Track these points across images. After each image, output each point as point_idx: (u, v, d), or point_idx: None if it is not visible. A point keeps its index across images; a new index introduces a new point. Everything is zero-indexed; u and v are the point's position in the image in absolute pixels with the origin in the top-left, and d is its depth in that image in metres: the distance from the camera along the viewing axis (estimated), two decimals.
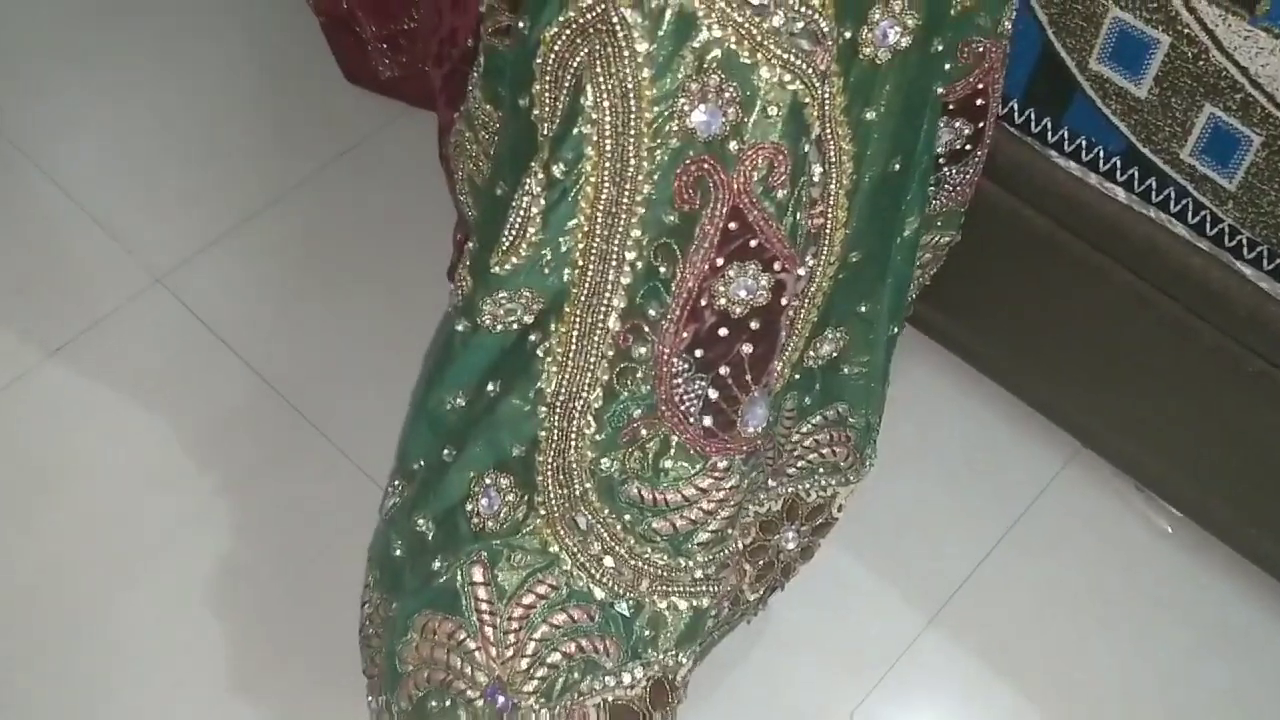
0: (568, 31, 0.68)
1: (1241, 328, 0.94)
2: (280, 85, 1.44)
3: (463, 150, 0.93)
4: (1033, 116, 0.95)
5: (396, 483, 0.86)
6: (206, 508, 1.15)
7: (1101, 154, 0.93)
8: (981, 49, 0.84)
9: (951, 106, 0.86)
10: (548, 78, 0.70)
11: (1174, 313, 0.98)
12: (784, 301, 0.74)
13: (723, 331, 0.74)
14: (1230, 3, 0.81)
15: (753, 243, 0.71)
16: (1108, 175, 0.93)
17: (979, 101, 0.88)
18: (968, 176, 0.94)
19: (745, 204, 0.70)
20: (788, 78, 0.67)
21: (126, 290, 1.27)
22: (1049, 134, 0.95)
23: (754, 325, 0.74)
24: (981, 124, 0.90)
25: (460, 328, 0.77)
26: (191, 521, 1.15)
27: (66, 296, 1.27)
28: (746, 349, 0.74)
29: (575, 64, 0.68)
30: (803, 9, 0.66)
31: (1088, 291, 1.03)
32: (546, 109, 0.71)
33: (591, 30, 0.67)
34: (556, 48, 0.69)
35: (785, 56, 0.66)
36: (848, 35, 0.70)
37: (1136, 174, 0.92)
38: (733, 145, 0.69)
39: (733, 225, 0.71)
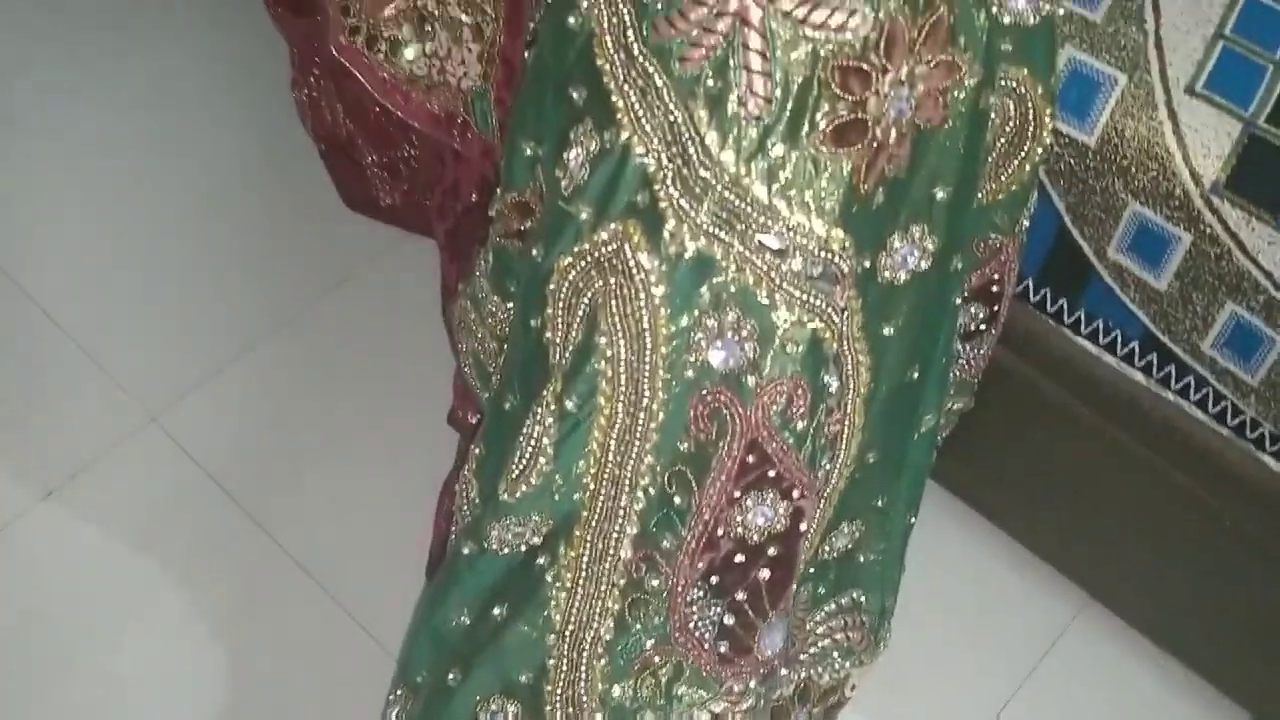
0: (583, 263, 0.66)
1: (1263, 511, 0.92)
2: (279, 213, 1.42)
3: (467, 328, 0.91)
4: (1048, 295, 0.93)
5: (399, 692, 0.83)
6: (196, 654, 1.12)
7: (1119, 337, 0.91)
8: (998, 245, 0.82)
9: (967, 294, 0.85)
10: (561, 304, 0.68)
11: (1191, 489, 0.96)
12: (803, 527, 0.72)
13: (739, 558, 0.72)
14: (1255, 206, 0.80)
15: (771, 473, 0.69)
16: (1126, 359, 0.92)
17: (994, 289, 0.87)
18: (982, 352, 0.93)
19: (764, 436, 0.68)
20: (807, 317, 0.65)
21: (120, 429, 1.25)
22: (1065, 314, 0.93)
23: (772, 551, 0.72)
24: (996, 307, 0.88)
25: (466, 550, 0.75)
26: (181, 668, 1.12)
27: (59, 435, 1.24)
28: (764, 574, 0.72)
29: (589, 295, 0.67)
30: (822, 253, 0.64)
31: (1102, 460, 1.01)
32: (560, 335, 0.69)
33: (607, 265, 0.65)
34: (571, 277, 0.67)
35: (805, 299, 0.65)
36: (867, 264, 0.69)
37: (1155, 360, 0.90)
38: (750, 379, 0.67)
39: (750, 458, 0.69)
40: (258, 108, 1.49)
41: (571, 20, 0.66)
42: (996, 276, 0.85)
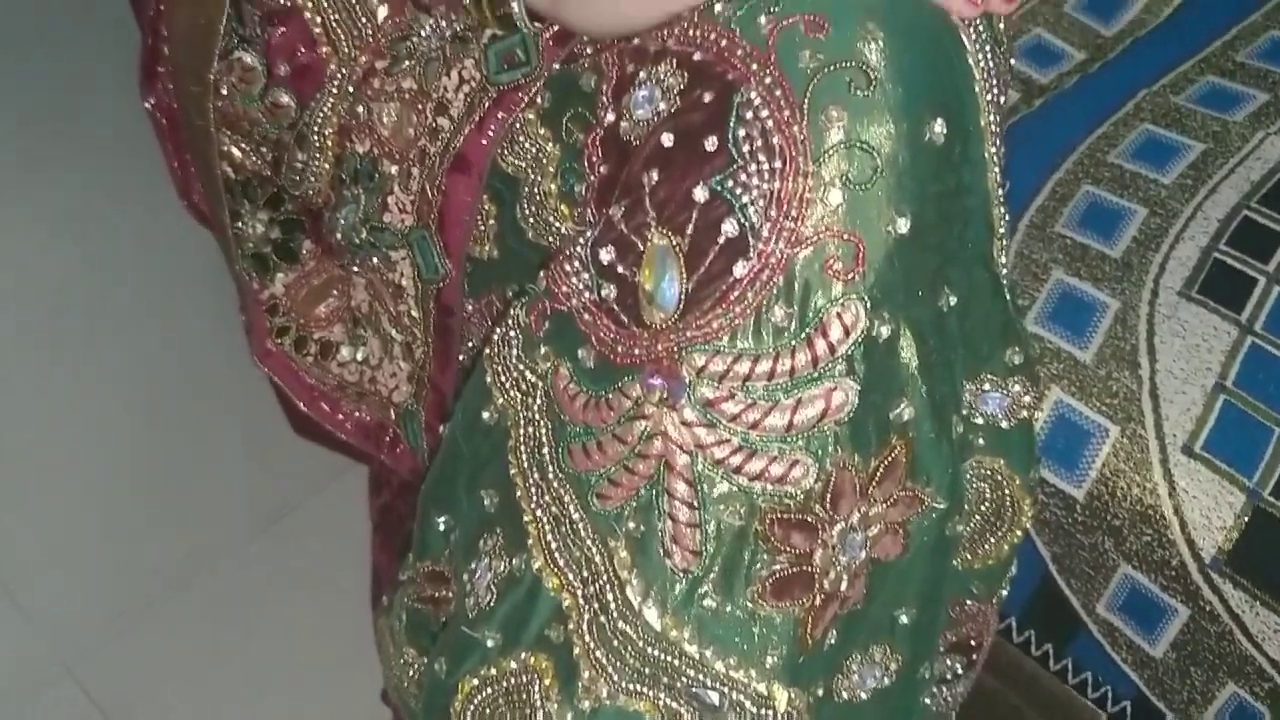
0: (489, 690, 0.58)
1: None
2: (219, 438, 1.34)
3: (386, 658, 0.82)
4: (1033, 638, 0.85)
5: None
6: None
7: (1110, 694, 0.82)
8: (976, 610, 0.74)
9: (943, 649, 0.76)
10: None
11: None
12: None
13: None
14: (1259, 589, 0.71)
15: None
16: (1117, 717, 0.82)
17: (972, 643, 0.78)
18: (959, 691, 0.84)
19: None
20: None
21: (32, 675, 1.16)
22: (1051, 660, 0.84)
23: None
24: (975, 656, 0.80)
25: None
26: None
27: None
28: None
29: None
30: (765, 711, 0.55)
31: None
32: None
33: (515, 700, 0.57)
34: (476, 702, 0.59)
35: None
36: (819, 692, 0.60)
37: None
38: None
39: None
40: (193, 315, 1.43)
41: (486, 415, 0.59)
42: (974, 636, 0.77)
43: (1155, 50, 0.94)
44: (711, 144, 0.51)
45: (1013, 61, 0.96)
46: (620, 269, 0.53)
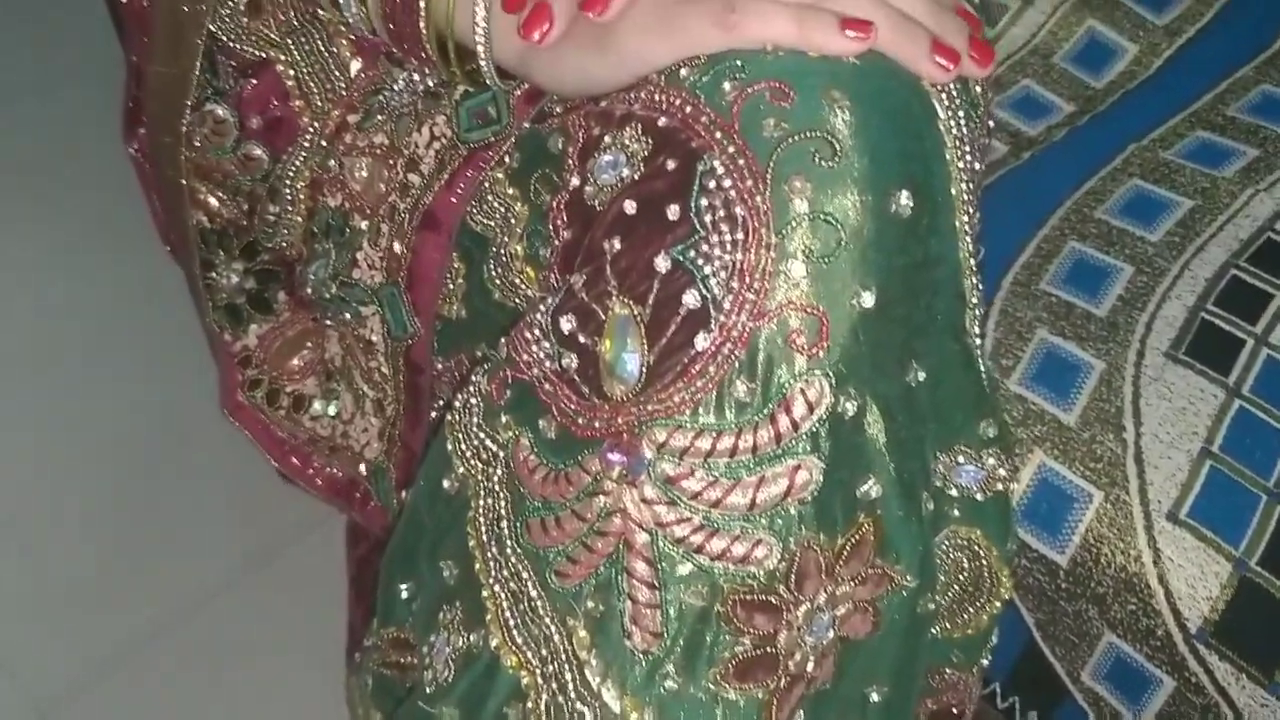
0: None
1: None
2: (199, 485, 1.33)
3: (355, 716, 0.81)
4: (1018, 705, 0.83)
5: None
6: None
7: None
8: (956, 680, 0.72)
9: (922, 718, 0.74)
10: None
11: None
12: None
13: None
14: (1245, 662, 0.69)
15: None
16: None
17: (954, 710, 0.76)
18: None
19: None
20: None
21: None
22: None
23: None
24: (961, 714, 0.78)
25: None
26: None
27: None
28: None
29: None
30: None
31: None
32: None
33: None
34: None
35: None
36: None
37: None
38: None
39: None
40: (174, 358, 1.42)
41: (446, 484, 0.58)
42: (955, 704, 0.75)
43: (1145, 103, 0.93)
44: (674, 213, 0.50)
45: (1001, 113, 0.95)
46: (581, 338, 0.52)
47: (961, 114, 0.54)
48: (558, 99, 0.63)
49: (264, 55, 0.73)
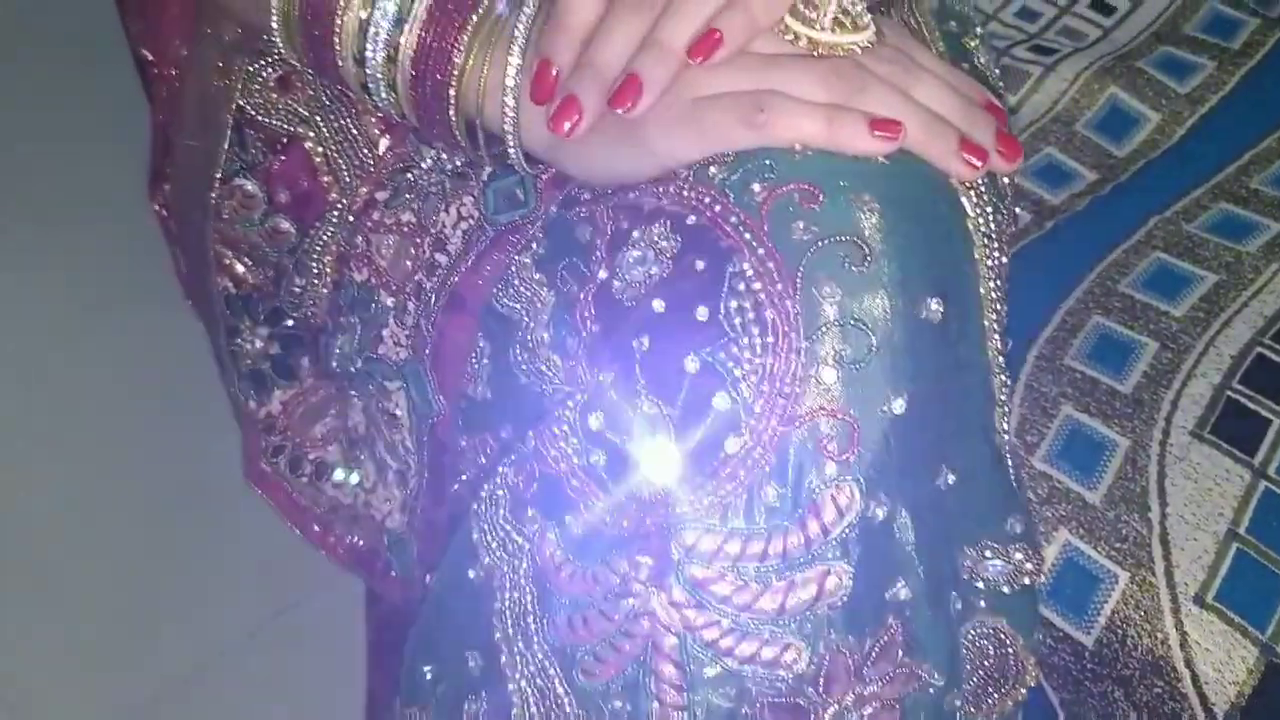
0: None
1: None
2: (218, 541, 1.33)
3: None
4: None
5: None
6: None
7: None
8: None
9: None
10: None
11: None
12: None
13: None
14: None
15: None
16: None
17: None
18: None
19: None
20: None
21: None
22: None
23: None
24: None
25: None
26: None
27: None
28: None
29: None
30: None
31: None
32: None
33: None
34: None
35: None
36: None
37: None
38: None
39: None
40: (194, 413, 1.42)
41: (472, 574, 0.58)
42: None
43: (1168, 173, 0.93)
44: (703, 314, 0.50)
45: (1024, 181, 0.95)
46: (610, 436, 0.52)
47: (990, 209, 0.55)
48: (584, 185, 0.63)
49: (292, 131, 0.73)
